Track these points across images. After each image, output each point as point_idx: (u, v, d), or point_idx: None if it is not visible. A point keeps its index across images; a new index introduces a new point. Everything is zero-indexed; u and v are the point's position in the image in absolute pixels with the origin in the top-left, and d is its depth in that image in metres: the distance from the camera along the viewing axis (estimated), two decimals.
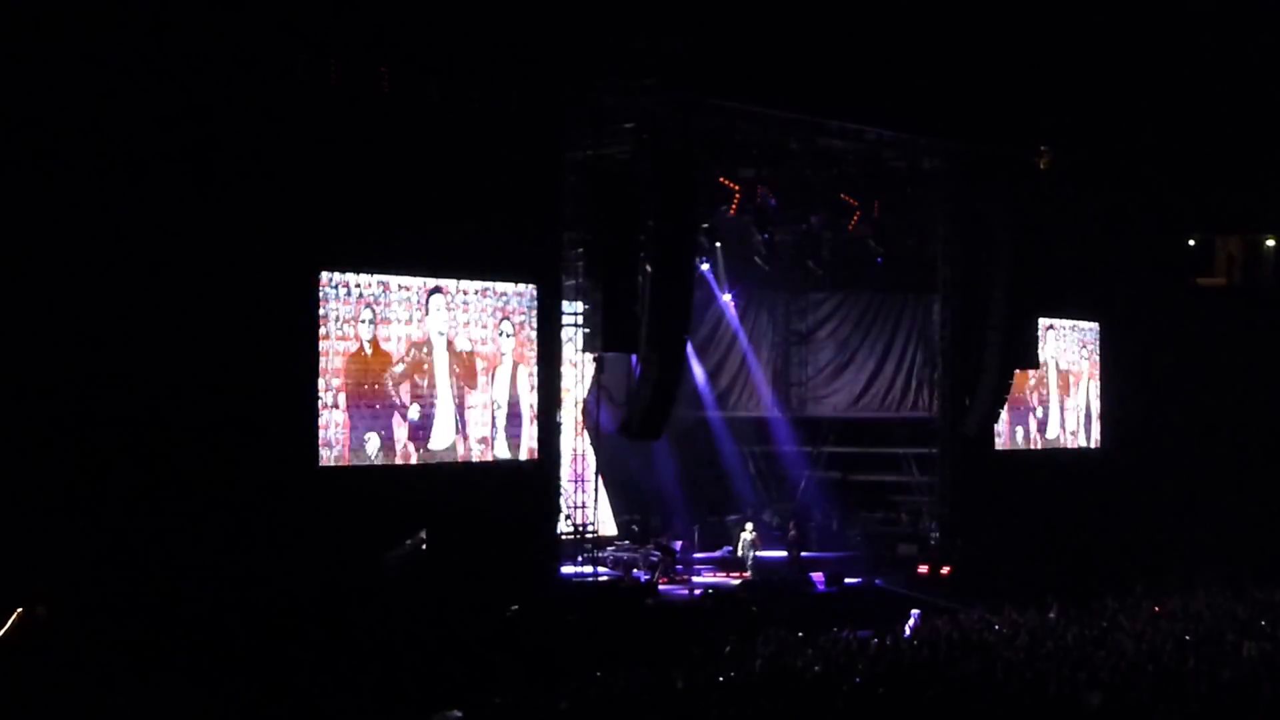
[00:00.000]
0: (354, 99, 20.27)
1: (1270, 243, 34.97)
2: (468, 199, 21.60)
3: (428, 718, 13.55)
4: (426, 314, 21.78)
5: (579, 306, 24.31)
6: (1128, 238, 32.32)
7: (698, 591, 24.48)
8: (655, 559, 25.75)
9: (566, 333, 24.76)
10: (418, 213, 21.15)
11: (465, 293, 22.32)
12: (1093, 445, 33.05)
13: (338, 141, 20.10)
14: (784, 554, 28.08)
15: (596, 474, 26.33)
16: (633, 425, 24.15)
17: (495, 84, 21.81)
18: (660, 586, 24.48)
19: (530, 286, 23.14)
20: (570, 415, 25.57)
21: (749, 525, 27.47)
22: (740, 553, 26.97)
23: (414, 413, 21.61)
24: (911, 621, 20.53)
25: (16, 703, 13.66)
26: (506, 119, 21.91)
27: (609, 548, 26.64)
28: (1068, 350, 32.40)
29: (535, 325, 23.24)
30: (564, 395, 24.88)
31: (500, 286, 22.80)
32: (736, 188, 26.12)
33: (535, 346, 23.27)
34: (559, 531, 24.48)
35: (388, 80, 20.79)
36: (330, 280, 20.55)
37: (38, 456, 17.32)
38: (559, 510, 24.63)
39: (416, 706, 14.26)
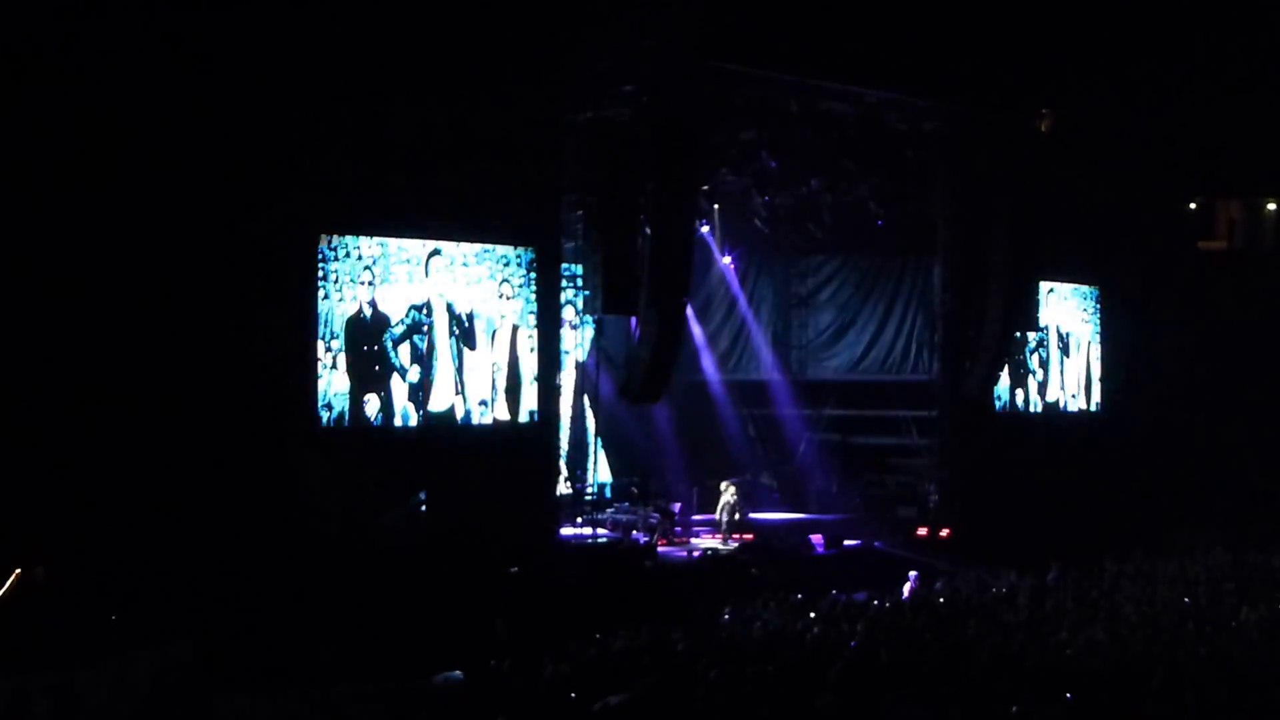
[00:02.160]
0: (355, 60, 20.10)
1: (1271, 207, 34.82)
2: (468, 162, 21.47)
3: (428, 679, 13.51)
4: (426, 276, 21.70)
5: (579, 269, 24.19)
6: (1129, 201, 32.16)
7: (696, 553, 24.47)
8: (654, 521, 25.73)
9: (565, 295, 24.69)
10: (418, 175, 21.04)
11: (465, 255, 22.22)
12: (1093, 408, 32.98)
13: (338, 103, 19.96)
14: (781, 516, 28.05)
15: (595, 437, 26.31)
16: (632, 388, 24.11)
17: (495, 47, 21.62)
18: (659, 548, 24.45)
19: (530, 249, 23.03)
20: (569, 378, 25.52)
21: (730, 487, 27.03)
22: (719, 515, 26.62)
23: (414, 375, 21.55)
24: (910, 584, 20.49)
25: (15, 662, 13.61)
26: (506, 82, 21.73)
27: (608, 510, 26.62)
28: (1068, 313, 32.29)
29: (535, 288, 23.13)
30: (563, 358, 24.83)
31: (500, 249, 22.68)
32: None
33: (535, 309, 23.17)
34: (558, 494, 24.48)
35: (391, 43, 20.63)
36: (330, 242, 20.48)
37: (37, 417, 17.22)
38: (558, 472, 24.61)
39: (416, 668, 14.22)
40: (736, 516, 26.33)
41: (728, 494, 26.60)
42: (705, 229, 28.84)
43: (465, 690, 12.21)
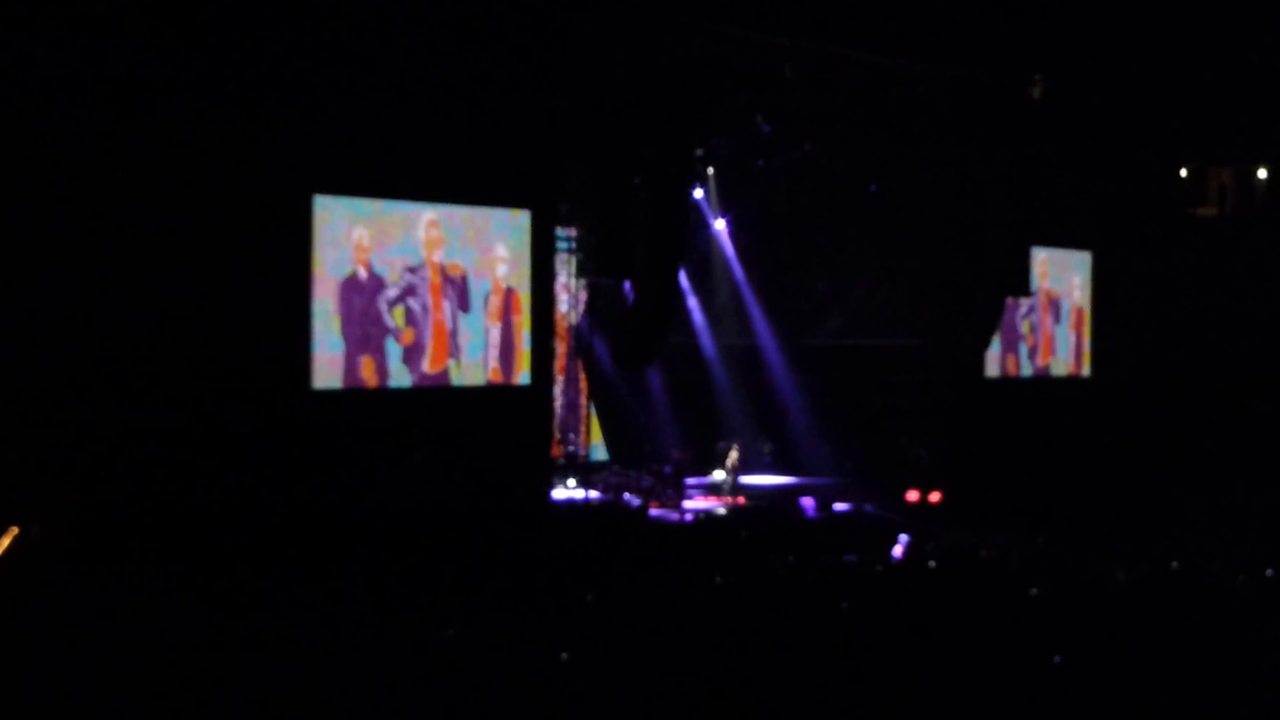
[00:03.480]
0: (350, 20, 19.93)
1: (1262, 174, 34.70)
2: (462, 123, 21.33)
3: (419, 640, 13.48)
4: (422, 239, 21.60)
5: (573, 232, 24.07)
6: (1121, 167, 32.04)
7: (688, 516, 24.47)
8: (647, 484, 25.73)
9: (560, 258, 24.59)
10: (415, 136, 20.91)
11: (459, 217, 22.12)
12: (1084, 374, 32.95)
13: (332, 63, 19.79)
14: (774, 481, 28.02)
15: (589, 400, 26.25)
16: (625, 352, 24.05)
17: (490, 10, 21.45)
18: (651, 511, 24.44)
19: (524, 212, 22.90)
20: (563, 341, 25.46)
21: (734, 449, 27.15)
22: (726, 476, 26.73)
23: (407, 337, 21.49)
24: (900, 547, 20.48)
25: (10, 622, 13.56)
26: (501, 45, 21.56)
27: (600, 472, 26.62)
28: (1060, 278, 32.22)
29: (530, 251, 23.02)
30: (557, 321, 24.77)
31: (495, 211, 22.57)
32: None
33: (530, 272, 23.06)
34: (551, 456, 24.46)
35: (384, 3, 20.46)
36: (324, 204, 20.38)
37: (34, 378, 17.21)
38: (551, 435, 24.57)
39: (407, 630, 14.19)
40: (739, 479, 26.47)
41: (734, 455, 26.72)
42: (699, 193, 28.73)
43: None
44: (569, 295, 25.34)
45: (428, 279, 21.72)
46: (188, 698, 10.33)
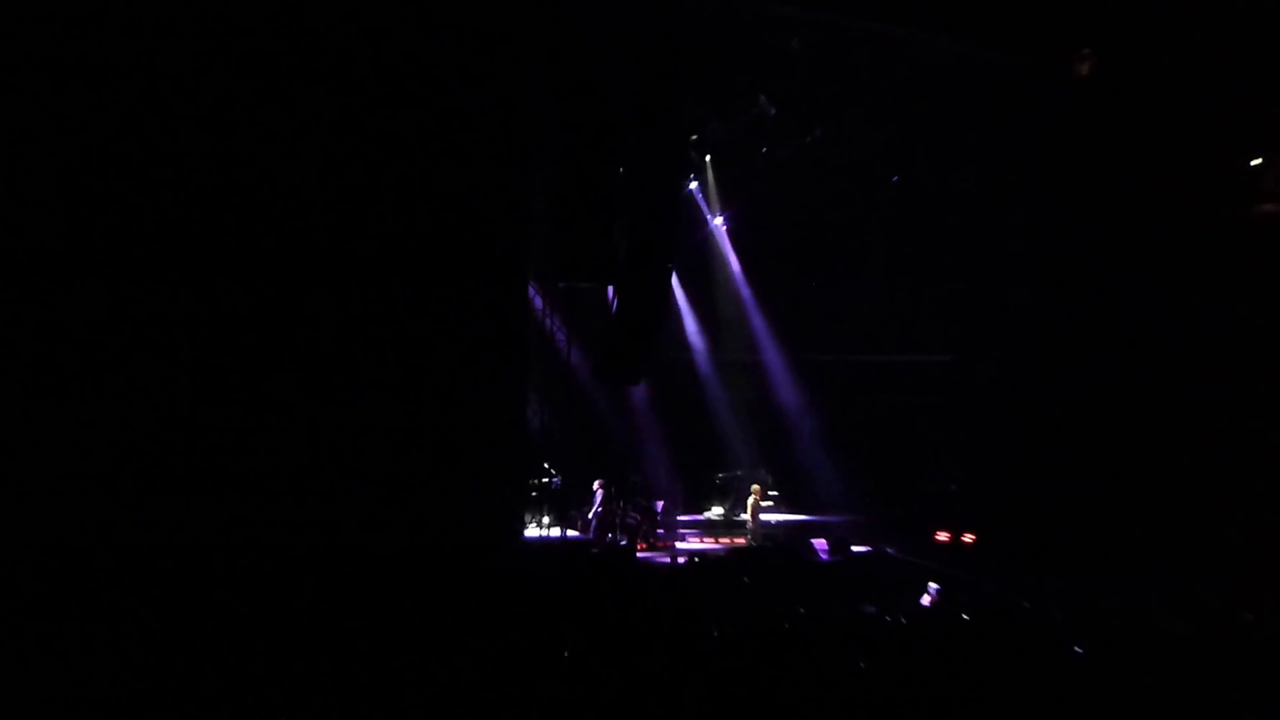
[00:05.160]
0: None
1: None
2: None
3: None
4: None
5: None
6: (1177, 157, 31.86)
7: (681, 559, 24.26)
8: (633, 522, 25.56)
9: None
10: None
11: None
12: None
13: None
14: (780, 517, 27.86)
15: (567, 424, 26.12)
16: (608, 368, 23.90)
17: None
18: (639, 553, 24.27)
19: None
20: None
21: (757, 487, 27.15)
22: (747, 515, 26.73)
23: None
24: (929, 596, 20.29)
25: None
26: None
27: (580, 508, 26.48)
28: None
29: None
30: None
31: None
32: None
33: None
34: (523, 489, 24.30)
35: None
36: None
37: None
38: (523, 464, 24.39)
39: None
40: (762, 518, 26.52)
41: (755, 493, 26.71)
42: (694, 185, 28.59)
43: None
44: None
45: None
46: None
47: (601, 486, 27.10)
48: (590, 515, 26.12)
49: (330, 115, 20.54)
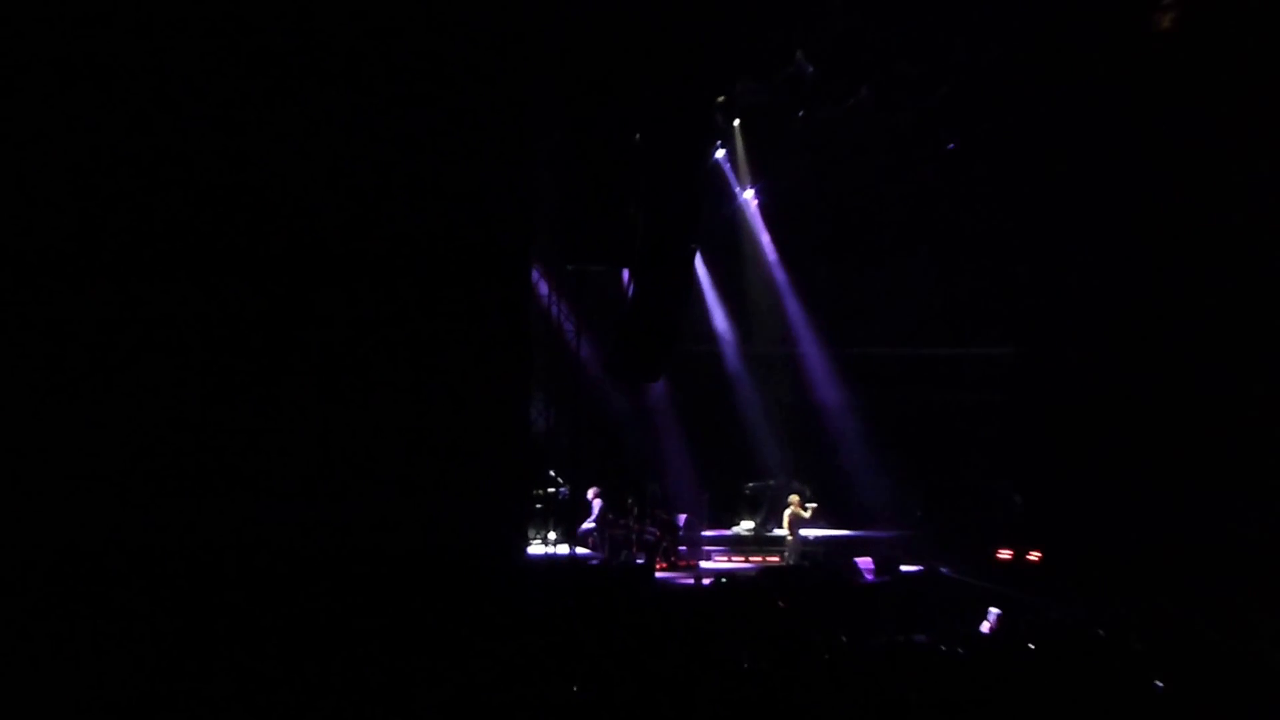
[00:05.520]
0: None
1: None
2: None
3: None
4: None
5: None
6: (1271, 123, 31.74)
7: (706, 580, 24.23)
8: (651, 538, 25.55)
9: None
10: None
11: None
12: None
13: None
14: (820, 533, 27.84)
15: (576, 429, 26.13)
16: (623, 363, 23.88)
17: None
18: (658, 573, 24.25)
19: None
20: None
21: (795, 496, 27.14)
22: (784, 529, 26.72)
23: None
24: (989, 622, 20.24)
25: None
26: None
27: (590, 523, 26.48)
28: None
29: None
30: None
31: None
32: None
33: None
34: (526, 501, 24.32)
35: None
36: None
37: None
38: (527, 474, 24.42)
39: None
40: (801, 533, 26.48)
41: (794, 504, 26.69)
42: (722, 153, 28.56)
43: None
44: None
45: None
46: None
47: (598, 496, 26.99)
48: (585, 529, 26.09)
49: (333, 104, 21.05)
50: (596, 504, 26.69)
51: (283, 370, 20.93)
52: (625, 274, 24.06)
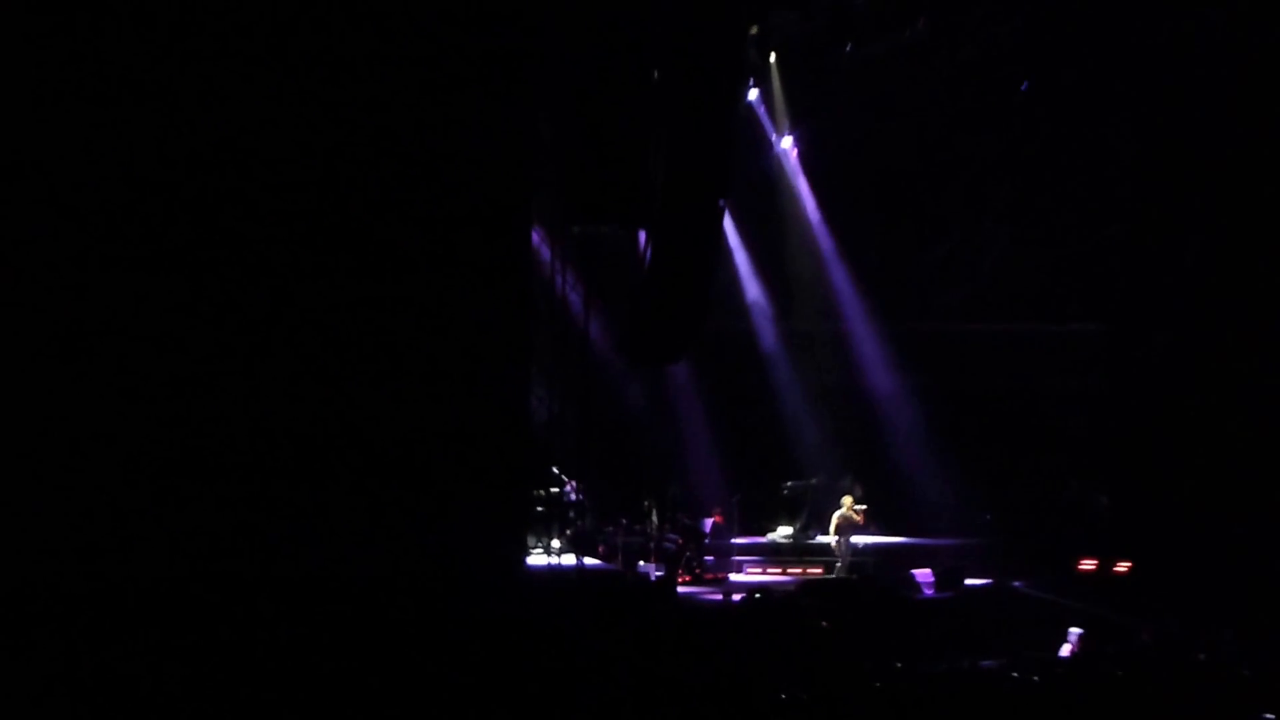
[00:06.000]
0: None
1: None
2: None
3: None
4: None
5: None
6: None
7: (737, 596, 24.35)
8: (673, 546, 25.65)
9: None
10: None
11: None
12: None
13: None
14: (872, 540, 27.98)
15: (584, 419, 26.25)
16: (640, 341, 23.96)
17: None
18: (680, 587, 24.36)
19: None
20: None
21: (848, 499, 27.28)
22: (834, 538, 26.84)
23: None
24: (1070, 645, 20.35)
25: None
26: None
27: (604, 529, 26.59)
28: None
29: None
30: None
31: None
32: None
33: None
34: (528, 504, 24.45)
35: None
36: None
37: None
38: (528, 474, 24.54)
39: None
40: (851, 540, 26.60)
41: (847, 505, 26.80)
42: (755, 94, 28.63)
43: None
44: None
45: None
46: None
47: (576, 490, 26.93)
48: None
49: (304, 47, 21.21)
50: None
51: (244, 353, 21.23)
52: (641, 236, 24.09)
